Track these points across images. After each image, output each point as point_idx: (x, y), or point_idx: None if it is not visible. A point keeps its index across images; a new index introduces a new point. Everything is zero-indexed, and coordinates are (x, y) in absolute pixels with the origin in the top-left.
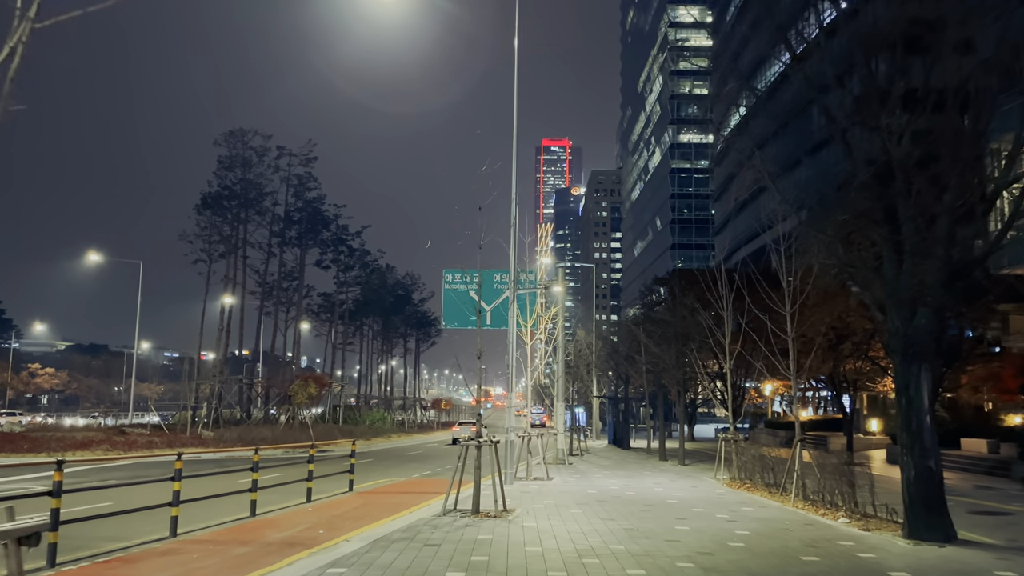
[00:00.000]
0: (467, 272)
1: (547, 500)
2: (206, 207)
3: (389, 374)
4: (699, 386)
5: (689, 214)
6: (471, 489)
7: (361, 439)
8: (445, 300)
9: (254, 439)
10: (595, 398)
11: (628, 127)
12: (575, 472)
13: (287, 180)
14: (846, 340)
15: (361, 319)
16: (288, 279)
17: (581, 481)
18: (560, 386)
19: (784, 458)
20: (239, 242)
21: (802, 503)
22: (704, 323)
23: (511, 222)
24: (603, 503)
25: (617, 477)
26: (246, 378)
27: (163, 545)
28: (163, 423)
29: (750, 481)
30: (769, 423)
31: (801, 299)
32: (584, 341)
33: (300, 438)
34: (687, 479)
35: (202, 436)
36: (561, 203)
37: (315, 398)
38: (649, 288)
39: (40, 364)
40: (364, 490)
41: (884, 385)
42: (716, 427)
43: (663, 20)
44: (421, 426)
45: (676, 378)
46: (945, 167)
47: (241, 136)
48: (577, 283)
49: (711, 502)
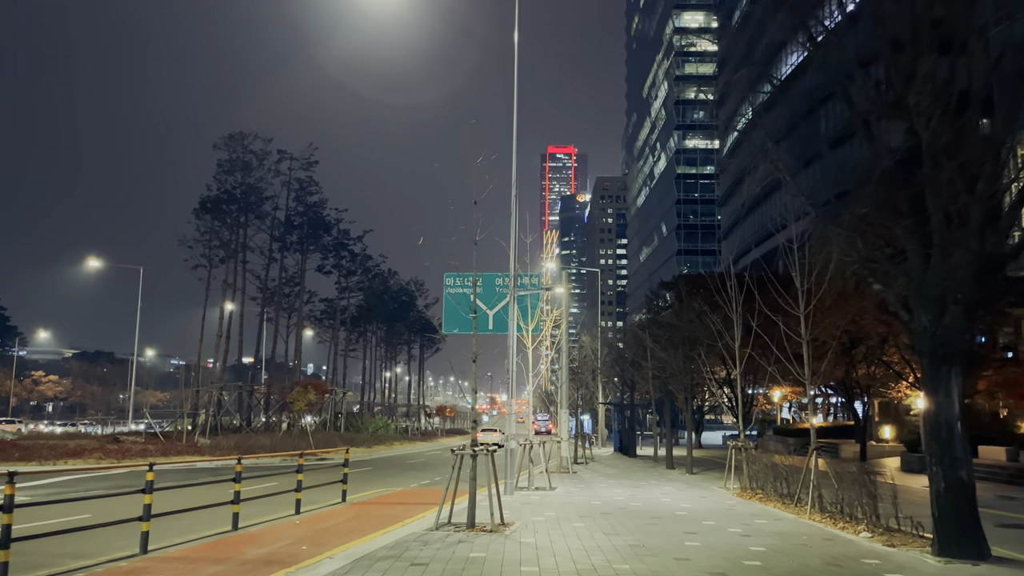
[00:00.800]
0: (468, 276)
1: (548, 512)
2: (205, 211)
3: (394, 381)
4: (706, 392)
5: (695, 220)
6: (468, 500)
7: (362, 447)
8: (446, 305)
9: (252, 447)
10: (601, 405)
11: (633, 133)
12: (579, 481)
13: (288, 184)
14: (860, 344)
15: (364, 325)
16: (290, 284)
17: (585, 491)
18: (564, 392)
19: (797, 467)
20: (239, 247)
21: (819, 516)
22: (713, 326)
23: (511, 219)
24: (607, 515)
25: (623, 487)
26: (247, 385)
27: (130, 564)
28: (158, 431)
29: (762, 491)
30: (778, 430)
31: (816, 300)
32: (589, 347)
33: (299, 446)
34: (696, 489)
35: (198, 444)
36: (567, 210)
37: (314, 405)
38: (655, 293)
39: (44, 372)
40: (358, 500)
41: (898, 391)
42: (724, 434)
43: (668, 25)
44: (425, 433)
45: (683, 384)
46: (978, 152)
47: (241, 140)
48: (583, 290)
49: (722, 514)
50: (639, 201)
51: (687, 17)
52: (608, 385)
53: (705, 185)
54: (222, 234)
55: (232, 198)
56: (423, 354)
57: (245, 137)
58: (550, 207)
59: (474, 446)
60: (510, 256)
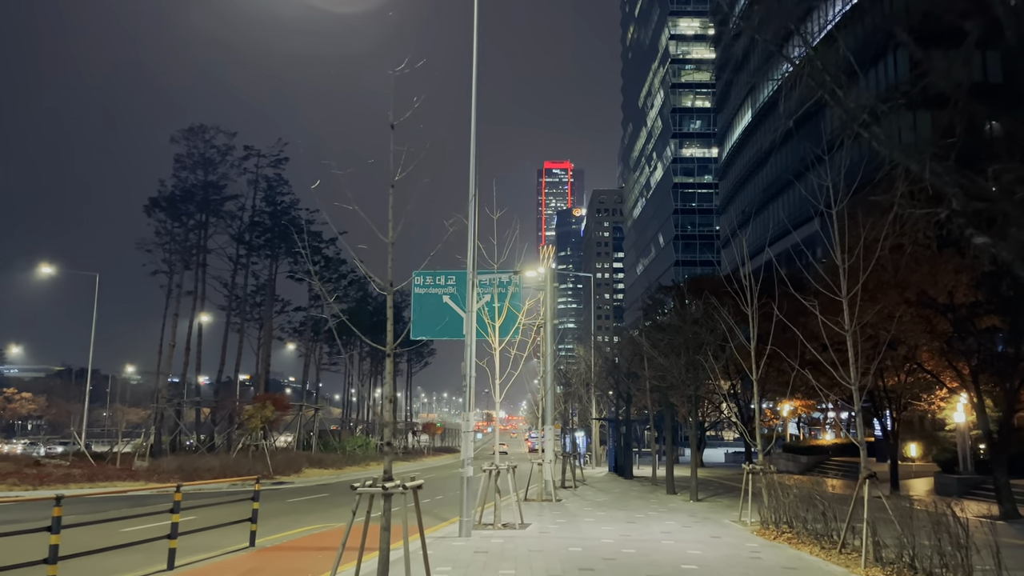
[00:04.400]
0: (441, 273)
1: (504, 570)
2: (158, 209)
3: (378, 396)
4: (708, 406)
5: (693, 230)
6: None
7: (331, 468)
8: (415, 307)
9: (197, 470)
10: (594, 420)
11: (629, 144)
12: (562, 514)
13: (255, 183)
14: (900, 344)
15: (344, 337)
16: (262, 292)
17: (566, 529)
18: (549, 402)
19: (839, 495)
20: (198, 250)
21: (879, 570)
22: (724, 322)
23: (470, 183)
24: (589, 573)
25: (614, 521)
26: (189, 400)
27: None
28: (87, 452)
29: (789, 528)
30: (788, 447)
31: (864, 277)
32: (583, 359)
33: (255, 469)
34: (705, 523)
35: (134, 468)
36: (563, 224)
37: (273, 422)
38: (653, 298)
39: (17, 389)
40: (272, 544)
41: (929, 402)
42: (726, 451)
43: (664, 33)
44: (408, 452)
45: (686, 395)
46: None
47: (201, 133)
48: (579, 304)
49: (745, 566)
50: (636, 213)
51: (683, 24)
52: (602, 399)
53: (703, 195)
54: (177, 235)
55: (189, 195)
56: (411, 368)
57: (206, 130)
58: (546, 222)
59: (387, 480)
60: (469, 231)
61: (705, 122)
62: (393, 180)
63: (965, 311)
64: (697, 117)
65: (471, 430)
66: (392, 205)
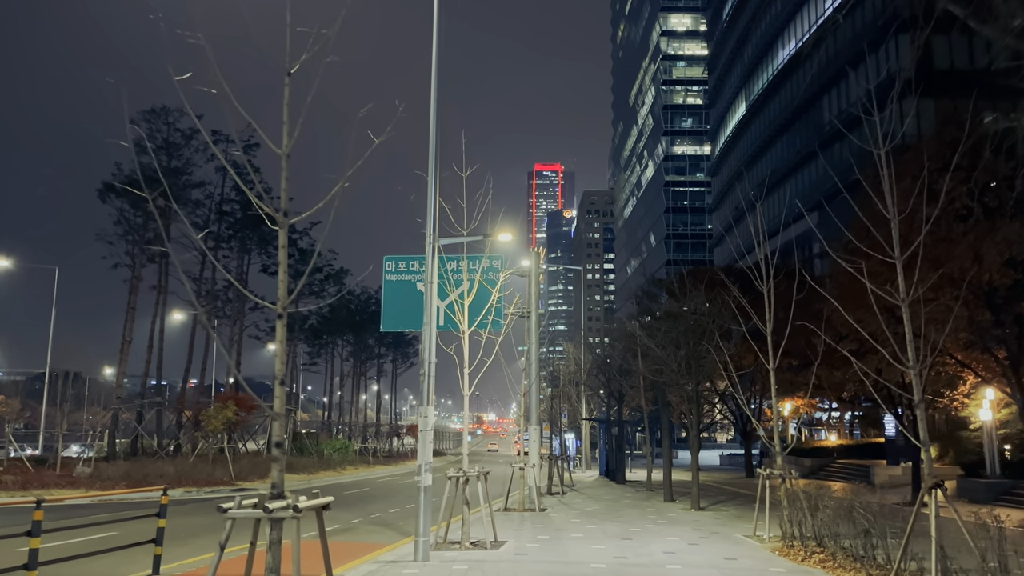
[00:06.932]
0: (414, 258)
1: None
2: (113, 194)
3: (370, 400)
4: (706, 404)
5: (684, 229)
6: None
7: (302, 473)
8: (385, 296)
9: (148, 476)
10: (584, 421)
11: (620, 143)
12: (545, 527)
13: (223, 170)
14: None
15: (325, 336)
16: (233, 288)
17: (548, 549)
18: (533, 398)
19: (879, 506)
20: (160, 240)
21: None
22: (735, 302)
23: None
24: None
25: (606, 537)
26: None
27: None
28: (23, 456)
29: (818, 547)
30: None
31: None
32: (572, 357)
33: (215, 475)
34: (714, 540)
35: (76, 474)
36: (553, 226)
37: (236, 423)
38: (646, 292)
39: None
40: (181, 572)
41: (952, 399)
42: (721, 453)
43: (655, 29)
44: (389, 455)
45: (685, 392)
46: None
47: (164, 115)
48: (569, 306)
49: None
50: (627, 212)
51: (674, 20)
52: (593, 399)
53: (695, 193)
54: (135, 223)
55: (149, 181)
56: (395, 369)
57: (169, 112)
58: (537, 224)
59: (275, 498)
60: (429, 188)
61: (697, 119)
62: (289, 67)
63: (1004, 293)
64: (689, 114)
65: (430, 428)
66: (288, 101)
